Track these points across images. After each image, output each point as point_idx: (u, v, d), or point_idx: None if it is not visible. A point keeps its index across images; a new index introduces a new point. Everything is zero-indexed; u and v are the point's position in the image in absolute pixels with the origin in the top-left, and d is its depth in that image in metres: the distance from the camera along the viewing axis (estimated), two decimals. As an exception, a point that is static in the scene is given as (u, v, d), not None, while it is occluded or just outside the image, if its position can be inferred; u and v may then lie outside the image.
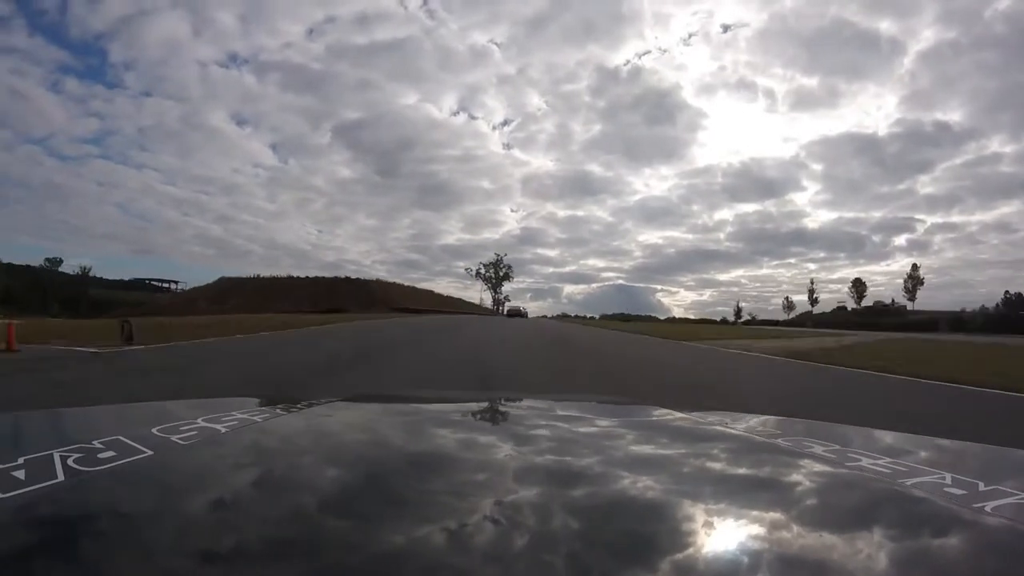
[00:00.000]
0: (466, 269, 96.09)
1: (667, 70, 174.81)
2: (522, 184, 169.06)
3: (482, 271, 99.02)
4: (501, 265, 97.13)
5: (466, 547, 0.42)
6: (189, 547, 0.41)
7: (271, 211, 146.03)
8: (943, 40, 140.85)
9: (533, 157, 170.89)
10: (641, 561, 0.42)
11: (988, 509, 0.51)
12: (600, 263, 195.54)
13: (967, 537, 0.50)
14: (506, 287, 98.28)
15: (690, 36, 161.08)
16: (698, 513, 0.52)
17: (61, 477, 0.50)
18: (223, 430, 0.70)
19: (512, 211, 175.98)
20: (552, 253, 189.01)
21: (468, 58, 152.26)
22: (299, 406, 0.93)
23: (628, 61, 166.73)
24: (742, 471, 0.70)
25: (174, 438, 0.64)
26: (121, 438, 0.62)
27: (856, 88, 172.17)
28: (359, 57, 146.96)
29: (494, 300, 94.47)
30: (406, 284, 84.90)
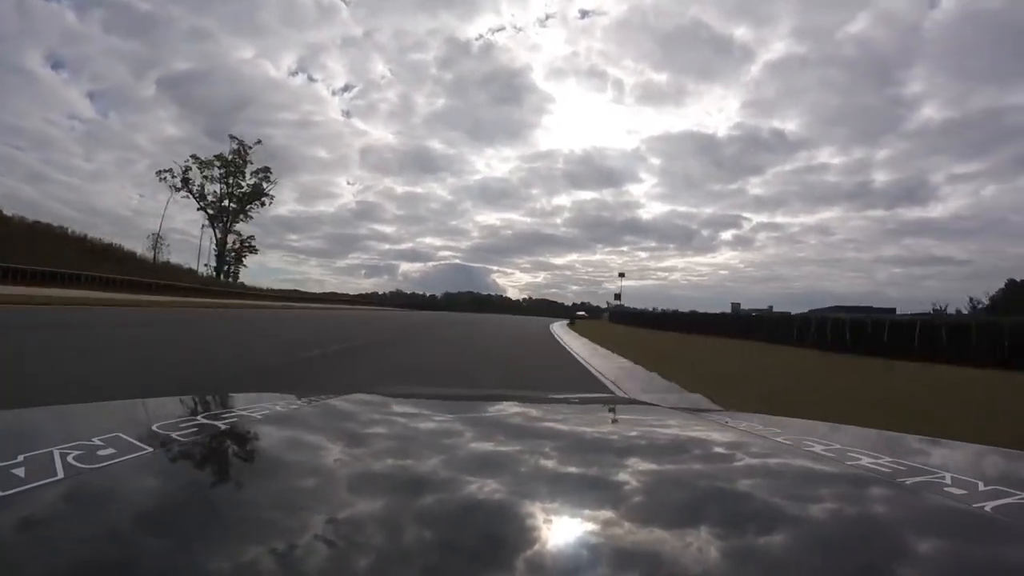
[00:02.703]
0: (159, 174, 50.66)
1: (520, 49, 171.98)
2: (360, 156, 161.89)
3: (194, 170, 50.60)
4: (240, 162, 50.27)
5: (468, 545, 0.42)
6: (189, 544, 0.41)
7: (89, 171, 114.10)
8: (793, 53, 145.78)
9: (373, 128, 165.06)
10: (640, 559, 0.42)
11: (988, 509, 0.51)
12: (438, 242, 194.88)
13: (967, 537, 0.50)
14: (253, 226, 55.10)
15: (547, 17, 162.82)
16: (697, 512, 0.52)
17: (61, 474, 0.49)
18: (223, 427, 0.70)
19: (349, 184, 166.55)
20: (389, 230, 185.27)
21: (313, 13, 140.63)
22: (299, 403, 0.93)
23: (481, 36, 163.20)
24: (742, 470, 0.70)
25: (174, 435, 0.64)
26: (121, 435, 0.62)
27: (703, 89, 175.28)
28: (195, 1, 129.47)
29: (219, 250, 49.49)
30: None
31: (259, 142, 54.26)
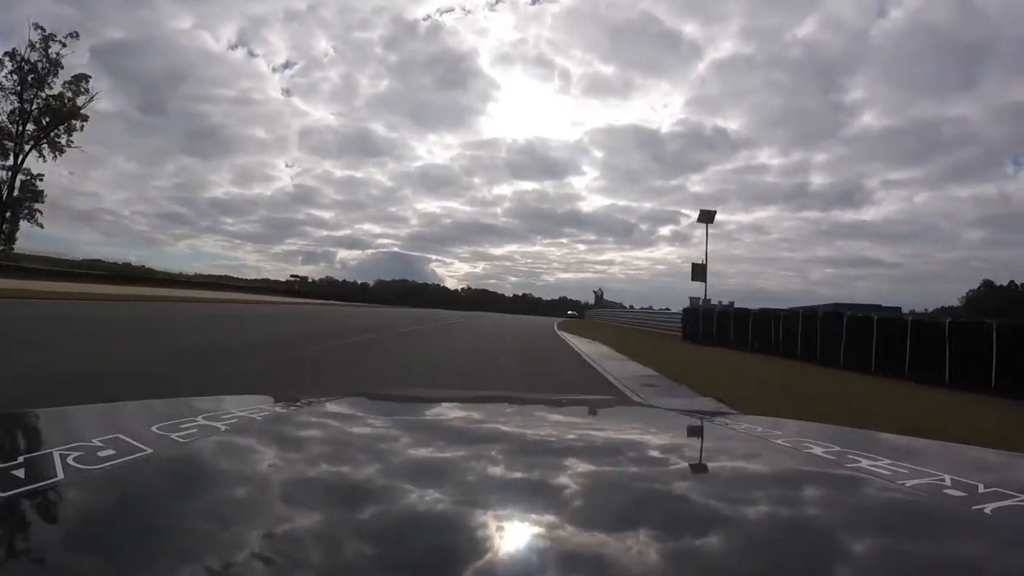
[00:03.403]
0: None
1: (468, 33, 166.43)
2: (300, 137, 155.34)
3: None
4: (46, 66, 32.93)
5: (466, 546, 0.42)
6: (189, 545, 0.41)
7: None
8: (740, 53, 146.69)
9: (314, 108, 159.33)
10: (640, 559, 0.42)
11: (988, 511, 0.51)
12: (376, 228, 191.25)
13: (966, 539, 0.50)
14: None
15: (497, 1, 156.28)
16: (697, 512, 0.52)
17: (61, 475, 0.49)
18: (223, 428, 0.70)
19: (287, 166, 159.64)
20: (327, 215, 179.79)
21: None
22: (299, 404, 0.93)
23: (429, 16, 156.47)
24: (742, 471, 0.70)
25: (174, 436, 0.64)
26: (121, 436, 0.62)
27: (649, 83, 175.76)
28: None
29: (16, 140, 31.97)
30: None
31: (76, 36, 34.79)
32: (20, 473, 0.49)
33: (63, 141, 34.82)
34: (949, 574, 0.44)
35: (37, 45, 33.28)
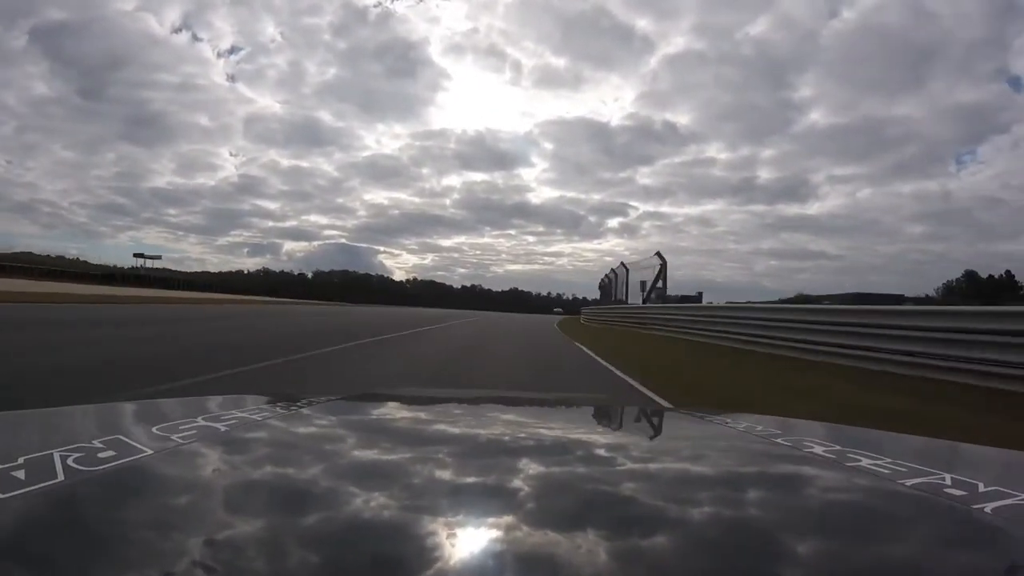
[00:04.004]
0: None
1: (419, 21, 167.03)
2: (245, 125, 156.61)
3: None
4: None
5: (466, 547, 0.42)
6: (189, 547, 0.41)
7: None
8: (692, 49, 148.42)
9: (260, 95, 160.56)
10: (640, 559, 0.42)
11: (988, 510, 0.51)
12: (323, 220, 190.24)
13: (967, 538, 0.50)
14: None
15: None
16: (697, 512, 0.52)
17: (61, 477, 0.50)
18: (223, 429, 0.70)
19: (232, 155, 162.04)
20: (273, 206, 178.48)
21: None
22: (299, 404, 0.93)
23: (379, 3, 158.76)
24: (742, 470, 0.70)
25: (174, 437, 0.64)
26: (121, 437, 0.62)
27: (600, 77, 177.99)
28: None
29: None
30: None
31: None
32: (20, 474, 0.49)
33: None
34: (949, 574, 0.44)
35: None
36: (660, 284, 22.58)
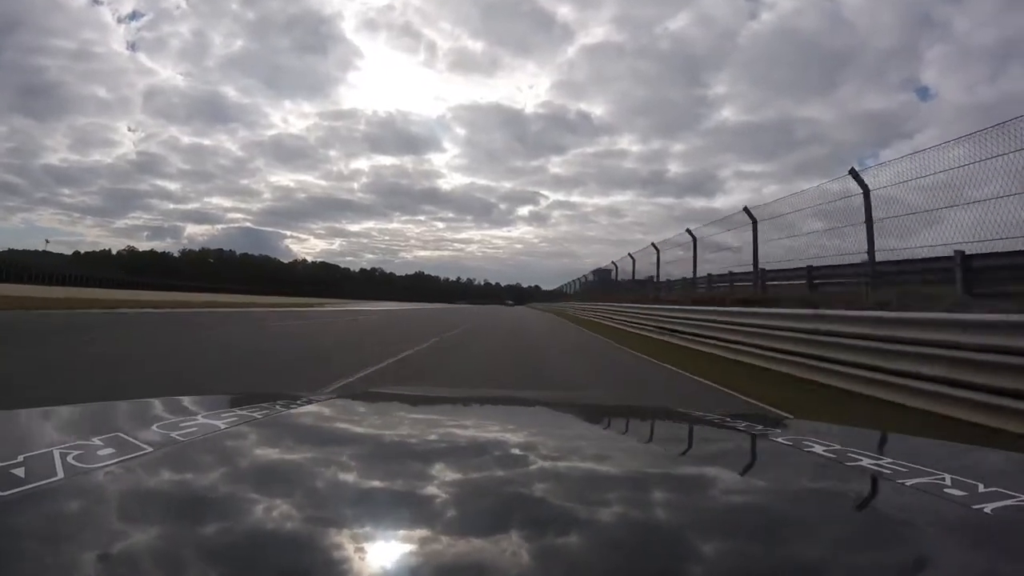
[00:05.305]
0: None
1: None
2: (144, 98, 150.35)
3: None
4: None
5: (465, 545, 0.42)
6: (189, 544, 0.41)
7: None
8: (611, 41, 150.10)
9: (161, 67, 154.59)
10: (639, 558, 0.42)
11: (988, 511, 0.51)
12: (227, 202, 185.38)
13: (967, 538, 0.50)
14: None
15: None
16: (698, 511, 0.52)
17: (61, 474, 0.49)
18: (223, 426, 0.70)
19: (130, 130, 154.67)
20: (173, 187, 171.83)
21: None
22: (299, 402, 0.93)
23: None
24: (743, 470, 0.70)
25: (174, 435, 0.64)
26: (121, 435, 0.62)
27: (517, 63, 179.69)
28: None
29: None
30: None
31: None
32: (20, 472, 0.49)
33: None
34: (949, 574, 0.44)
35: None
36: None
